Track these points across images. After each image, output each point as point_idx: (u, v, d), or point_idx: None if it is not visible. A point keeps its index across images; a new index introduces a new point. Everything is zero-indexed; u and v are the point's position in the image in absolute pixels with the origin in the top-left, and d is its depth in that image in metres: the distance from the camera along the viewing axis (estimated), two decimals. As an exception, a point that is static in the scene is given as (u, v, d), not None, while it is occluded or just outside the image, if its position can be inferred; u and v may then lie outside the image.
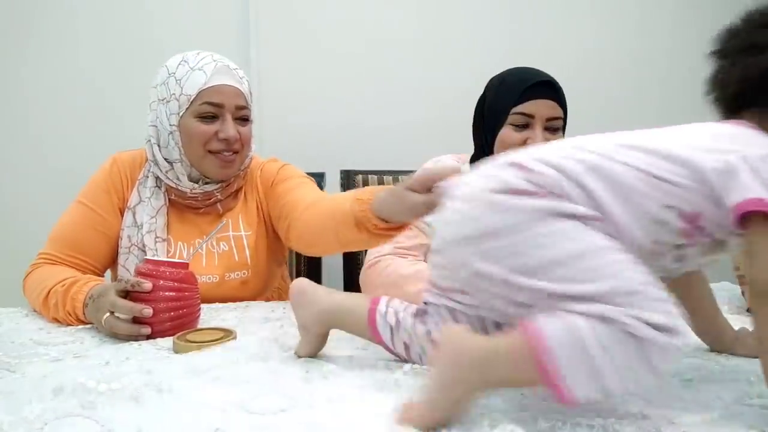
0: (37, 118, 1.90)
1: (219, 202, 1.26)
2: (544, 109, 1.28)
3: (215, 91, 1.17)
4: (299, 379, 0.74)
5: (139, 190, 1.24)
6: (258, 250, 1.28)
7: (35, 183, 1.90)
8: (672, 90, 2.19)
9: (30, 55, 1.89)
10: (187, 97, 1.16)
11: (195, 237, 1.24)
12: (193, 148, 1.19)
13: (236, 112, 1.20)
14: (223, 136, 1.18)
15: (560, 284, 0.59)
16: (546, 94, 1.28)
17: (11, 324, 1.07)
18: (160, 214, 1.22)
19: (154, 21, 1.92)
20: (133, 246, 1.22)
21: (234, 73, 1.20)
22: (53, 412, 0.64)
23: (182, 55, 1.21)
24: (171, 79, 1.18)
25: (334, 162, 1.79)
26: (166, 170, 1.21)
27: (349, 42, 2.01)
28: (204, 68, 1.17)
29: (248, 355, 0.84)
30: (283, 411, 0.64)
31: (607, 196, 0.64)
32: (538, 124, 1.28)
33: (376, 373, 0.76)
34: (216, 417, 0.63)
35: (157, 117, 1.20)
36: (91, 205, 1.22)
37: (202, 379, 0.74)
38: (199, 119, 1.17)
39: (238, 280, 1.25)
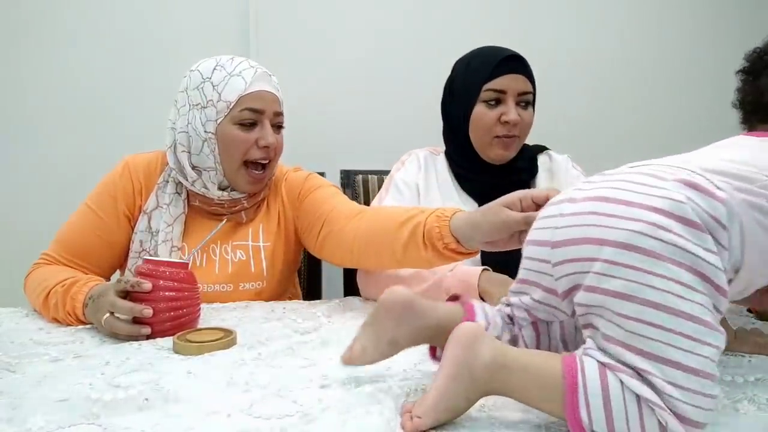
0: (37, 118, 1.90)
1: (244, 210, 1.24)
2: (515, 84, 1.29)
3: (256, 97, 1.15)
4: (307, 385, 0.74)
5: (157, 194, 1.21)
6: (275, 262, 1.26)
7: (35, 183, 1.90)
8: (671, 89, 2.19)
9: (30, 56, 1.89)
10: (226, 104, 1.14)
11: (210, 243, 1.21)
12: (230, 156, 1.17)
13: (274, 119, 1.19)
14: (264, 143, 1.16)
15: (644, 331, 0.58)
16: (516, 69, 1.29)
17: (11, 324, 1.07)
18: (178, 222, 1.20)
19: (155, 21, 1.92)
20: (144, 251, 1.20)
21: (271, 79, 1.20)
22: (57, 423, 0.63)
23: (215, 60, 1.18)
24: (207, 84, 1.15)
25: (334, 162, 1.79)
26: (193, 180, 1.18)
27: (349, 42, 2.01)
28: (243, 74, 1.15)
29: (255, 359, 0.84)
30: (289, 416, 0.64)
31: (748, 242, 0.63)
32: (510, 98, 1.29)
33: (389, 379, 0.76)
34: (222, 423, 0.63)
35: (188, 123, 1.17)
36: (97, 210, 1.20)
37: (208, 384, 0.74)
38: (238, 126, 1.15)
39: (252, 291, 1.23)
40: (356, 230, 1.13)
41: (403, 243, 1.03)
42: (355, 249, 1.13)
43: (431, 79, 2.03)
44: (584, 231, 0.62)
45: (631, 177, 0.65)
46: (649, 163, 0.70)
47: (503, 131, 1.30)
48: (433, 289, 1.17)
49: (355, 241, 1.13)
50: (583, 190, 0.67)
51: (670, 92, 2.19)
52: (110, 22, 1.91)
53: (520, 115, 1.29)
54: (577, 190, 0.68)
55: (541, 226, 0.69)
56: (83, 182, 1.29)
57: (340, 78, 2.01)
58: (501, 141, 1.31)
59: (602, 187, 0.66)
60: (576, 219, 0.64)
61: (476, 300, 0.78)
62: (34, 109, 1.90)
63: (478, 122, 1.32)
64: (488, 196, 1.29)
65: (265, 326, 1.02)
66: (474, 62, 1.34)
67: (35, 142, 1.91)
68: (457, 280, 1.15)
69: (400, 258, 1.05)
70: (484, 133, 1.32)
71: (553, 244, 0.65)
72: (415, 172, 1.40)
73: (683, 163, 0.67)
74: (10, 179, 1.90)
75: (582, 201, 0.65)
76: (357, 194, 1.69)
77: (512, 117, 1.28)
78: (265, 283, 1.24)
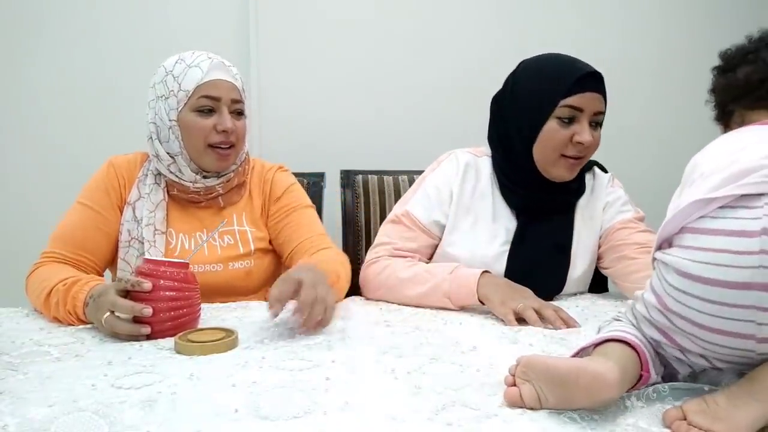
0: (37, 118, 1.90)
1: (220, 196, 1.30)
2: (592, 104, 1.20)
3: (212, 86, 1.21)
4: (315, 386, 0.74)
5: (138, 186, 1.27)
6: (262, 245, 1.31)
7: (36, 183, 1.90)
8: (672, 89, 2.19)
9: (30, 56, 1.88)
10: (185, 93, 1.21)
11: (197, 230, 1.27)
12: (193, 141, 1.23)
13: (232, 106, 1.24)
14: (221, 127, 1.22)
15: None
16: (595, 87, 1.20)
17: (11, 324, 1.07)
18: (159, 208, 1.26)
19: (155, 21, 1.92)
20: (133, 239, 1.25)
21: (228, 69, 1.25)
22: (59, 423, 0.63)
23: (178, 55, 1.25)
24: (169, 77, 1.23)
25: (334, 162, 1.79)
26: (169, 164, 1.25)
27: (349, 42, 2.01)
28: (200, 65, 1.22)
29: (258, 360, 0.84)
30: (296, 417, 0.64)
31: None
32: (585, 118, 1.20)
33: (395, 380, 0.76)
34: (228, 423, 0.63)
35: (156, 114, 1.24)
36: (92, 205, 1.25)
37: (214, 385, 0.74)
38: (197, 113, 1.22)
39: (242, 270, 1.27)
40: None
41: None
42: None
43: (432, 78, 2.05)
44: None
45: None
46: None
47: (573, 152, 1.21)
48: (432, 291, 1.17)
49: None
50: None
51: (671, 92, 2.19)
52: (110, 23, 1.91)
53: (592, 135, 1.20)
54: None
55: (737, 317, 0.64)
56: (83, 182, 1.29)
57: (340, 78, 2.01)
58: (568, 162, 1.22)
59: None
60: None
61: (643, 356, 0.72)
62: (35, 110, 1.90)
63: (549, 139, 1.21)
64: (530, 211, 1.28)
65: (266, 327, 1.02)
66: (549, 71, 1.23)
67: (35, 143, 1.91)
68: (457, 285, 1.15)
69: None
70: (552, 150, 1.21)
71: (759, 339, 0.64)
72: (451, 177, 1.32)
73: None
74: (11, 179, 1.90)
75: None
76: (357, 194, 1.69)
77: (586, 138, 1.19)
78: (253, 263, 1.29)
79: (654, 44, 2.19)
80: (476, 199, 1.31)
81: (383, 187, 1.71)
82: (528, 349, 0.91)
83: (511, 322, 1.05)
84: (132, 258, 1.24)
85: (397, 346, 0.90)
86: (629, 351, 0.70)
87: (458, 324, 1.05)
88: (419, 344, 0.92)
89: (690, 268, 0.65)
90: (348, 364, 0.81)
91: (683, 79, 2.18)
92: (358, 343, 0.92)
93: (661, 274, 0.70)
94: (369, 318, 1.10)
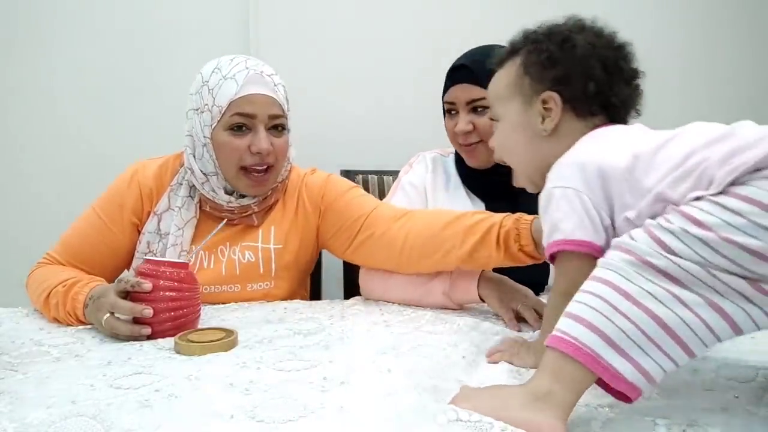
0: (39, 118, 1.90)
1: (254, 214, 1.23)
2: (462, 94, 1.30)
3: (246, 101, 1.12)
4: (311, 387, 0.73)
5: (170, 196, 1.20)
6: (286, 264, 1.24)
7: (37, 183, 1.90)
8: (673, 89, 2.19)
9: (30, 56, 1.89)
10: (218, 109, 1.12)
11: (219, 245, 1.21)
12: (226, 163, 1.15)
13: (269, 122, 1.14)
14: (255, 149, 1.13)
15: None
16: (460, 79, 1.29)
17: (12, 324, 1.07)
18: (189, 226, 1.18)
19: (154, 22, 1.92)
20: (150, 253, 1.19)
21: (268, 80, 1.15)
22: (59, 424, 0.63)
23: (216, 61, 1.16)
24: (204, 88, 1.14)
25: (334, 162, 1.79)
26: (203, 182, 1.18)
27: (349, 42, 2.01)
28: (236, 77, 1.12)
29: (257, 361, 0.84)
30: (291, 421, 0.64)
31: None
32: (460, 109, 1.31)
33: (393, 381, 0.76)
34: (224, 425, 0.63)
35: (192, 127, 1.16)
36: (104, 217, 1.20)
37: (211, 386, 0.74)
38: (230, 132, 1.13)
39: (260, 292, 1.22)
40: (408, 232, 1.13)
41: (473, 243, 1.04)
42: (406, 250, 1.13)
43: (432, 78, 2.04)
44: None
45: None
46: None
47: (463, 140, 1.32)
48: (431, 289, 1.16)
49: (407, 242, 1.13)
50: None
51: (672, 93, 2.19)
52: (111, 22, 1.91)
53: (473, 122, 1.29)
54: None
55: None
56: (84, 182, 1.29)
57: (340, 77, 2.01)
58: (464, 149, 1.34)
59: None
60: None
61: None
62: (35, 110, 1.90)
63: (448, 132, 1.36)
64: (496, 197, 1.31)
65: (265, 327, 1.02)
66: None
67: (37, 144, 1.91)
68: (457, 283, 1.14)
69: (466, 258, 1.06)
70: (453, 143, 1.37)
71: None
72: (422, 174, 1.42)
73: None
74: (12, 180, 1.90)
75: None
76: (357, 194, 1.69)
77: (460, 127, 1.29)
78: (273, 284, 1.23)
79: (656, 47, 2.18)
80: (450, 193, 1.39)
81: (383, 187, 1.71)
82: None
83: (510, 321, 1.05)
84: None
85: (396, 347, 0.90)
86: (582, 374, 0.61)
87: (458, 324, 1.05)
88: (418, 345, 0.92)
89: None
90: (346, 365, 0.81)
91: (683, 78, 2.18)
92: (356, 344, 0.92)
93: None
94: (368, 318, 1.10)
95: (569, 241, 0.74)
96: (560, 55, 0.82)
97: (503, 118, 0.88)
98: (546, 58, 0.83)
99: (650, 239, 0.61)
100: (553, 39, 0.84)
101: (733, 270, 0.59)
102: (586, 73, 0.81)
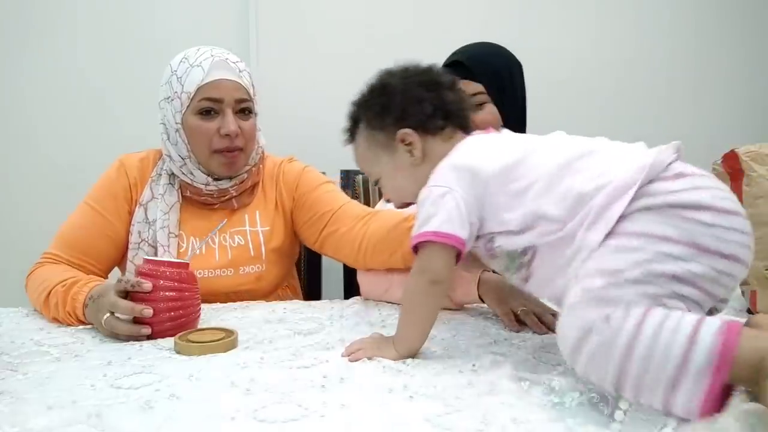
0: (38, 117, 1.90)
1: (234, 198, 1.27)
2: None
3: (213, 87, 1.17)
4: (312, 386, 0.74)
5: (151, 187, 1.25)
6: (274, 246, 1.29)
7: (36, 183, 1.90)
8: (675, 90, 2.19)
9: (30, 55, 1.89)
10: (187, 95, 1.18)
11: (209, 232, 1.24)
12: (198, 146, 1.20)
13: (236, 106, 1.20)
14: (224, 131, 1.18)
15: None
16: (456, 75, 1.27)
17: (12, 324, 1.07)
18: (173, 211, 1.23)
19: (154, 21, 1.92)
20: (143, 242, 1.22)
21: (233, 66, 1.20)
22: (59, 424, 0.63)
23: (184, 53, 1.22)
24: (173, 77, 1.20)
25: (334, 162, 1.79)
26: (180, 165, 1.22)
27: (349, 42, 2.01)
28: (202, 64, 1.18)
29: (257, 361, 0.84)
30: (293, 420, 0.64)
31: None
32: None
33: (394, 380, 0.76)
34: (225, 426, 0.63)
35: (164, 115, 1.22)
36: (99, 209, 1.23)
37: (212, 386, 0.74)
38: (199, 116, 1.18)
39: (252, 275, 1.26)
40: (365, 232, 1.19)
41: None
42: (362, 249, 1.19)
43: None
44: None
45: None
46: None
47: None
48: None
49: (363, 242, 1.19)
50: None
51: (674, 93, 2.19)
52: (109, 22, 1.91)
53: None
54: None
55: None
56: (83, 182, 1.29)
57: (340, 77, 2.00)
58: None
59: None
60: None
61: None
62: (34, 110, 1.90)
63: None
64: None
65: (265, 327, 1.02)
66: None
67: (35, 143, 1.91)
68: (457, 283, 1.14)
69: (407, 257, 1.09)
70: None
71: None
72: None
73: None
74: (11, 180, 1.90)
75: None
76: (357, 194, 1.69)
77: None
78: (264, 267, 1.27)
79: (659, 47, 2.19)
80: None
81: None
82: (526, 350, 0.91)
83: (510, 322, 1.05)
84: (140, 261, 1.20)
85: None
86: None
87: (457, 325, 1.05)
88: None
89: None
90: (345, 365, 0.81)
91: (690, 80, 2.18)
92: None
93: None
94: (368, 318, 1.10)
95: (435, 233, 0.80)
96: (388, 100, 0.92)
97: (382, 175, 0.96)
98: (380, 109, 0.92)
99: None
100: (376, 93, 0.95)
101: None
102: (415, 99, 0.90)
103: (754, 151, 1.07)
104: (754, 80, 2.20)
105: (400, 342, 0.85)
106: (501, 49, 1.37)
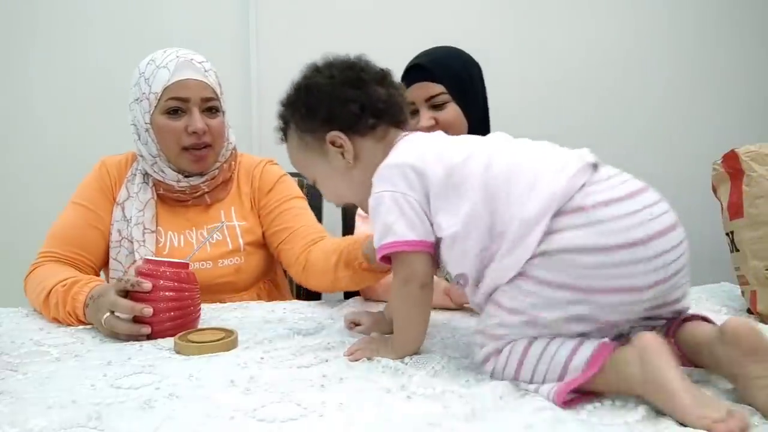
0: (37, 119, 1.90)
1: (206, 194, 1.29)
2: (420, 92, 1.33)
3: (179, 86, 1.20)
4: (311, 386, 0.74)
5: (127, 186, 1.28)
6: (251, 240, 1.31)
7: (35, 183, 1.90)
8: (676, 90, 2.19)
9: (30, 57, 1.89)
10: (155, 95, 1.20)
11: (186, 227, 1.27)
12: (167, 144, 1.23)
13: (203, 104, 1.23)
14: (191, 129, 1.21)
15: None
16: (417, 78, 1.33)
17: (11, 324, 1.07)
18: (148, 207, 1.26)
19: (153, 23, 1.92)
20: (123, 239, 1.25)
21: (198, 66, 1.23)
22: (59, 424, 0.63)
23: (151, 55, 1.24)
24: (141, 78, 1.23)
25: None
26: (152, 163, 1.25)
27: (349, 40, 2.00)
28: (168, 65, 1.20)
29: (257, 361, 0.84)
30: (292, 419, 0.64)
31: None
32: (420, 107, 1.33)
33: (393, 381, 0.76)
34: (225, 425, 0.63)
35: (134, 116, 1.25)
36: (86, 204, 1.26)
37: (212, 386, 0.74)
38: (167, 115, 1.21)
39: (232, 267, 1.27)
40: (309, 257, 1.22)
41: (337, 266, 1.13)
42: (305, 271, 1.22)
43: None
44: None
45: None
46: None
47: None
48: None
49: (307, 264, 1.22)
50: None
51: (675, 94, 2.19)
52: (109, 22, 1.91)
53: (434, 117, 1.31)
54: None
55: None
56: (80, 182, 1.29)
57: (339, 78, 2.01)
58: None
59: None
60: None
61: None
62: (35, 111, 1.90)
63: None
64: None
65: (265, 327, 1.02)
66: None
67: (35, 144, 1.91)
68: (459, 290, 1.14)
69: (333, 279, 1.15)
70: None
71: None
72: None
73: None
74: (10, 179, 1.90)
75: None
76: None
77: (423, 124, 1.31)
78: (243, 259, 1.29)
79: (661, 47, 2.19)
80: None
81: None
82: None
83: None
84: (123, 258, 1.24)
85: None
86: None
87: (457, 325, 1.05)
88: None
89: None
90: (345, 365, 0.81)
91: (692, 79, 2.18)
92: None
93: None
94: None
95: (406, 242, 0.79)
96: (313, 101, 0.89)
97: (317, 177, 0.94)
98: (306, 111, 0.89)
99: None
100: (301, 93, 0.91)
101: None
102: (341, 99, 0.87)
103: (754, 151, 1.07)
104: (754, 80, 2.20)
105: (399, 345, 0.85)
106: (461, 53, 1.40)
